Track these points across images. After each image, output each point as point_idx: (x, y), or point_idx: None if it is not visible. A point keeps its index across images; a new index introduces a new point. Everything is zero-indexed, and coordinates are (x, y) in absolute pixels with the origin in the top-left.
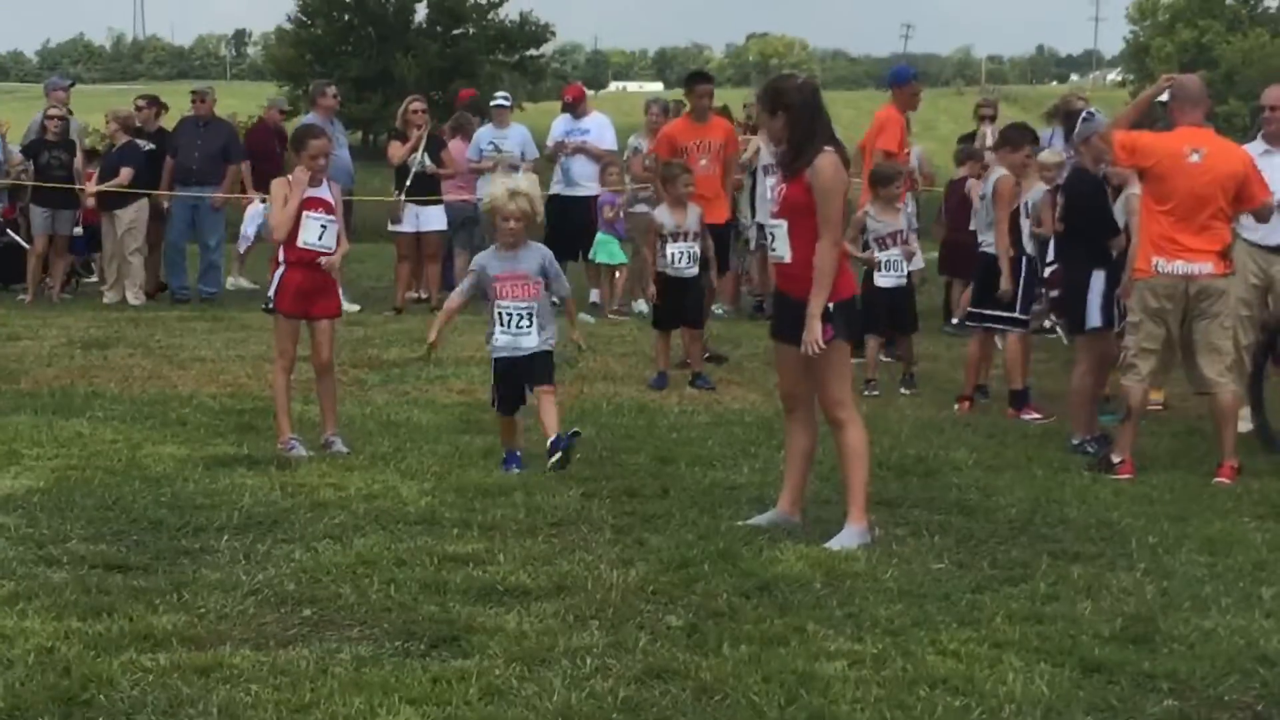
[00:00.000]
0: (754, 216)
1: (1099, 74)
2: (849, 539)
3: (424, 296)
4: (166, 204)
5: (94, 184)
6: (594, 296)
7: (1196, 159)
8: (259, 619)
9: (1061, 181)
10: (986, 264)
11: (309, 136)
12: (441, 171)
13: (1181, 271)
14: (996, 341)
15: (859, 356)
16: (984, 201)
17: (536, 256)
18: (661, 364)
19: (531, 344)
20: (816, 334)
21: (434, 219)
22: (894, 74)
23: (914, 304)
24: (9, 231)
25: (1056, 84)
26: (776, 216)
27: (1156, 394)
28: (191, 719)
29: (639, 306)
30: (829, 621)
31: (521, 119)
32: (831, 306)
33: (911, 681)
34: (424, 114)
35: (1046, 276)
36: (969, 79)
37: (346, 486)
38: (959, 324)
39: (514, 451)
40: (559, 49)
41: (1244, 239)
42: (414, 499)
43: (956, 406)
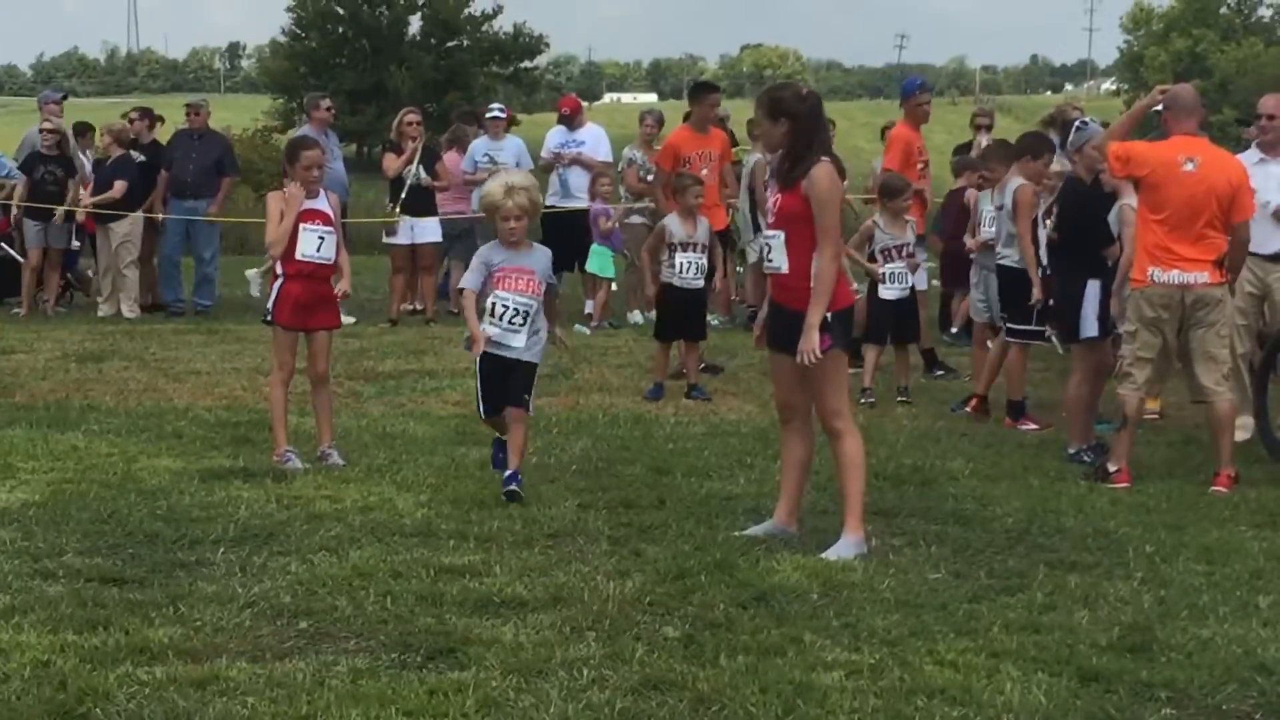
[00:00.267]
0: (756, 232)
1: (1093, 83)
2: (846, 549)
3: (419, 309)
4: (161, 217)
5: (89, 196)
6: (589, 308)
7: (1191, 168)
8: (255, 631)
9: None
10: (1011, 278)
11: (301, 148)
12: (436, 184)
13: (1177, 281)
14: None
15: (856, 367)
16: (1002, 213)
17: (542, 257)
18: (660, 375)
19: (519, 344)
20: (814, 344)
21: (429, 231)
22: (901, 89)
23: (918, 316)
24: (3, 245)
25: (1051, 94)
26: (773, 227)
27: (1153, 403)
28: None
29: (634, 318)
30: (826, 632)
31: (516, 131)
32: (829, 316)
33: (909, 692)
34: (419, 126)
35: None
36: (963, 89)
37: (342, 499)
38: (957, 333)
39: (504, 443)
40: (553, 61)
41: None
42: (410, 511)
43: (965, 408)
